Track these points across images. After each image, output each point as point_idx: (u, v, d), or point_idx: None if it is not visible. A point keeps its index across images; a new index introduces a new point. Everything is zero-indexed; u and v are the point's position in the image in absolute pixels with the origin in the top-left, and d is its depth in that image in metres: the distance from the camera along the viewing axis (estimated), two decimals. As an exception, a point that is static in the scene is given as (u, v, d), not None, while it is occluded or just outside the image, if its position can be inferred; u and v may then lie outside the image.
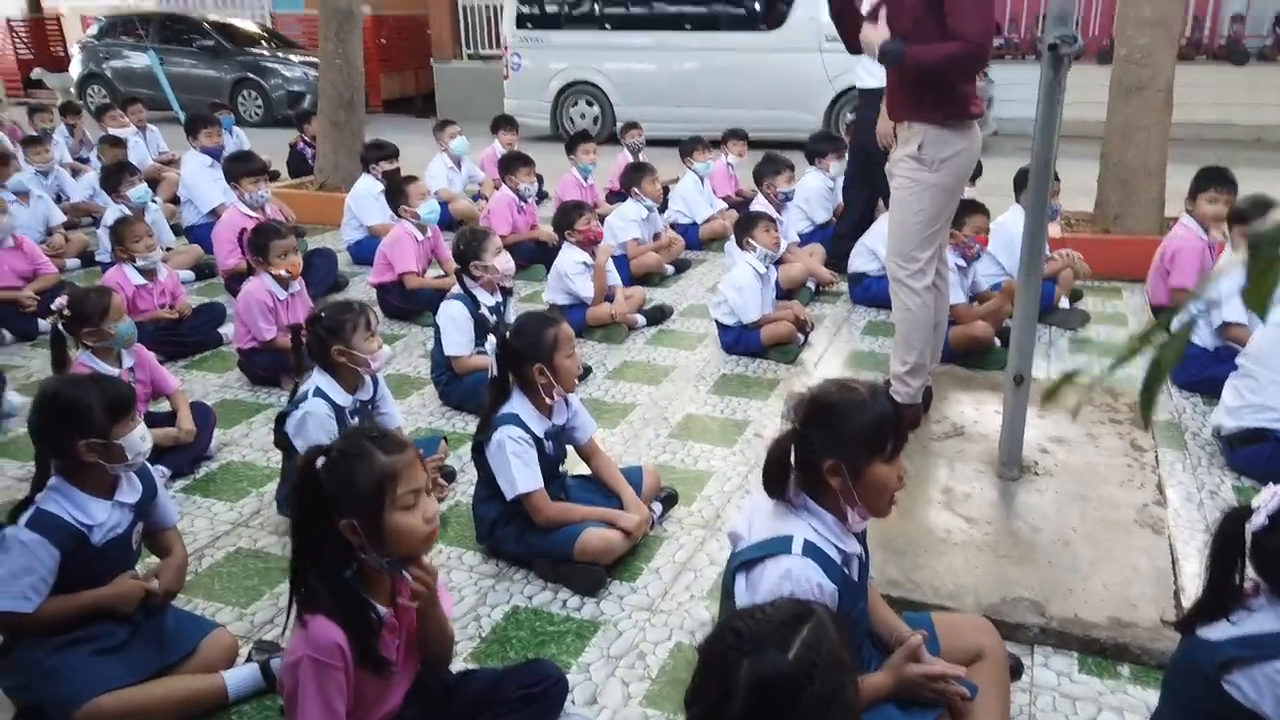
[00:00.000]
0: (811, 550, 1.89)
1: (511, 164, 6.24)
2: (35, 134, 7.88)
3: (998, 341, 4.42)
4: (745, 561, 1.98)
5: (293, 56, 14.46)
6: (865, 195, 5.73)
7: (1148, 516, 3.01)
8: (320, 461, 1.83)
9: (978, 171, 5.88)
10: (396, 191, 5.37)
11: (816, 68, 10.15)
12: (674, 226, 6.55)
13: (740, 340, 4.58)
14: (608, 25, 11.07)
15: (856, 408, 1.91)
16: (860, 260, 5.35)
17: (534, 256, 6.00)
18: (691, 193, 6.68)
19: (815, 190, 6.26)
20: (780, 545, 1.93)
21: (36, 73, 17.23)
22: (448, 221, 7.00)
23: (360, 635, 1.82)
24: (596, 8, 11.12)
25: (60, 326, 3.38)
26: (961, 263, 4.44)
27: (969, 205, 4.43)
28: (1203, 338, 4.06)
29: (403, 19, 16.80)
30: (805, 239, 6.02)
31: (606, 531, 2.81)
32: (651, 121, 8.07)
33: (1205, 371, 4.01)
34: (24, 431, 3.60)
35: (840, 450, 1.89)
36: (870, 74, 5.44)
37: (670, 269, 5.99)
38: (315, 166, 7.91)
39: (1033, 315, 3.14)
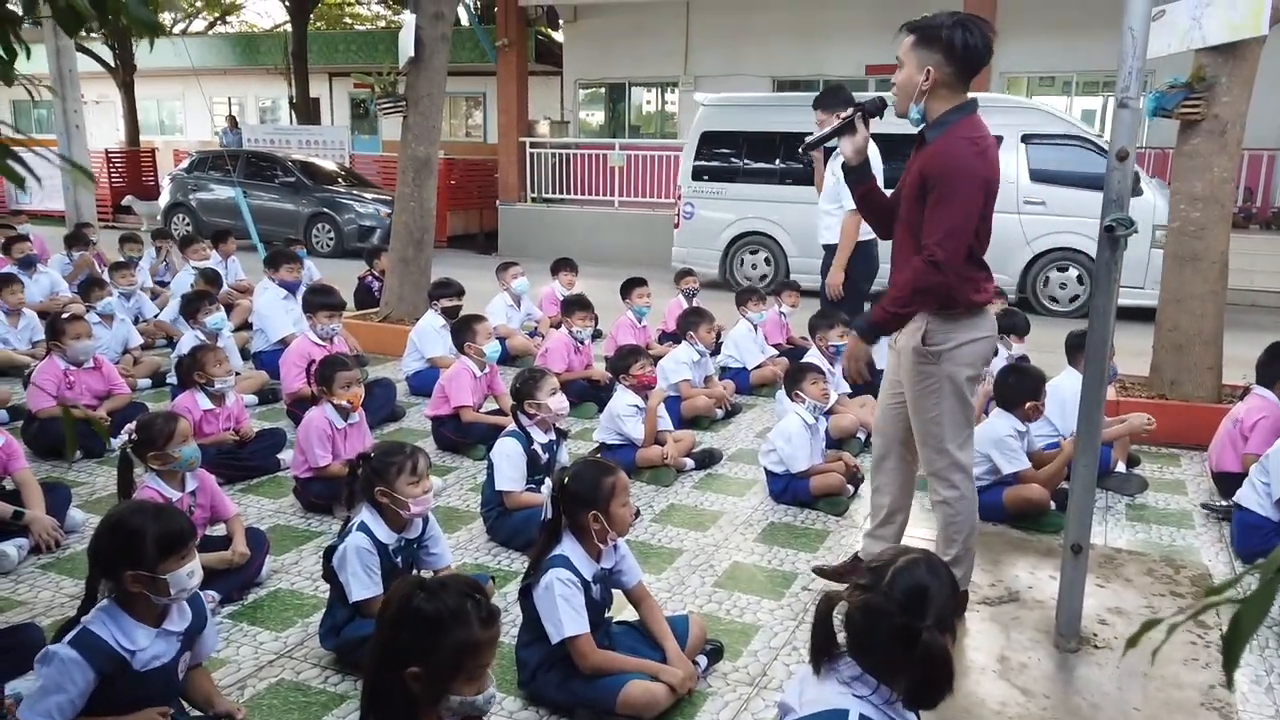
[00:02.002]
0: (869, 729, 1.86)
1: (570, 307, 6.45)
2: (123, 260, 8.34)
3: (1053, 505, 4.34)
4: (794, 735, 1.94)
5: (366, 194, 15.25)
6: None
7: (1214, 699, 2.87)
8: (418, 600, 1.87)
9: (1025, 327, 5.98)
10: (463, 329, 5.54)
11: (1014, 229, 10.00)
12: (725, 371, 6.65)
13: (789, 489, 4.56)
14: (788, 180, 11.08)
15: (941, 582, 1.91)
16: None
17: (586, 394, 6.11)
18: (745, 339, 6.81)
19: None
20: (833, 719, 1.89)
21: (127, 199, 18.38)
22: (505, 357, 7.20)
23: None
24: (777, 163, 11.27)
25: (128, 450, 3.51)
26: (1021, 427, 4.42)
27: (1031, 380, 4.46)
28: (1265, 508, 3.96)
29: (472, 163, 17.76)
30: (858, 389, 6.05)
31: (651, 685, 2.76)
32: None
33: (1269, 542, 3.89)
34: (84, 549, 3.70)
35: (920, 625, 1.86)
36: (830, 230, 6.04)
37: (720, 413, 6.04)
38: (381, 299, 8.22)
39: (1091, 482, 3.10)
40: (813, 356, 5.53)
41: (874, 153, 5.88)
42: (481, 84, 21.63)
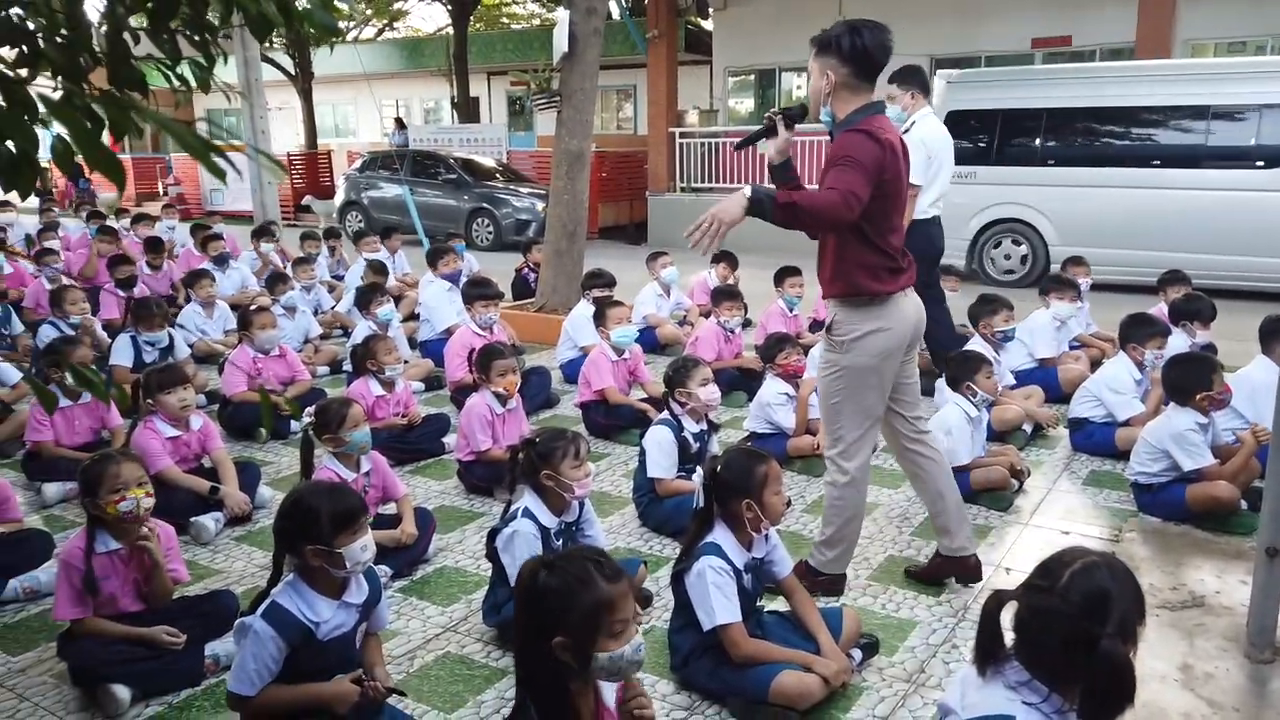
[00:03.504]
0: (1034, 734, 1.78)
1: (719, 297, 6.45)
2: (303, 255, 8.95)
3: (1244, 504, 4.00)
4: (957, 738, 1.88)
5: (522, 189, 15.74)
6: None
7: None
8: (543, 576, 1.94)
9: (1210, 313, 5.54)
10: (598, 314, 5.71)
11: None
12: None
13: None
14: (1051, 161, 10.18)
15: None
16: (1082, 405, 5.07)
17: (737, 383, 6.10)
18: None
19: (1042, 326, 6.03)
20: None
21: (306, 199, 19.70)
22: (654, 346, 7.29)
23: None
24: (1039, 143, 10.30)
25: (309, 432, 3.78)
26: (1202, 420, 4.10)
27: (1197, 369, 4.13)
28: None
29: (623, 155, 18.02)
30: (1024, 378, 5.78)
31: (804, 676, 2.74)
32: (1094, 265, 7.40)
33: None
34: (271, 523, 4.01)
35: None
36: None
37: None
38: (537, 290, 8.47)
39: (1289, 480, 2.84)
40: (976, 345, 5.31)
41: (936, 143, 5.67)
42: (632, 76, 21.86)
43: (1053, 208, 10.10)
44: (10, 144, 1.33)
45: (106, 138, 1.33)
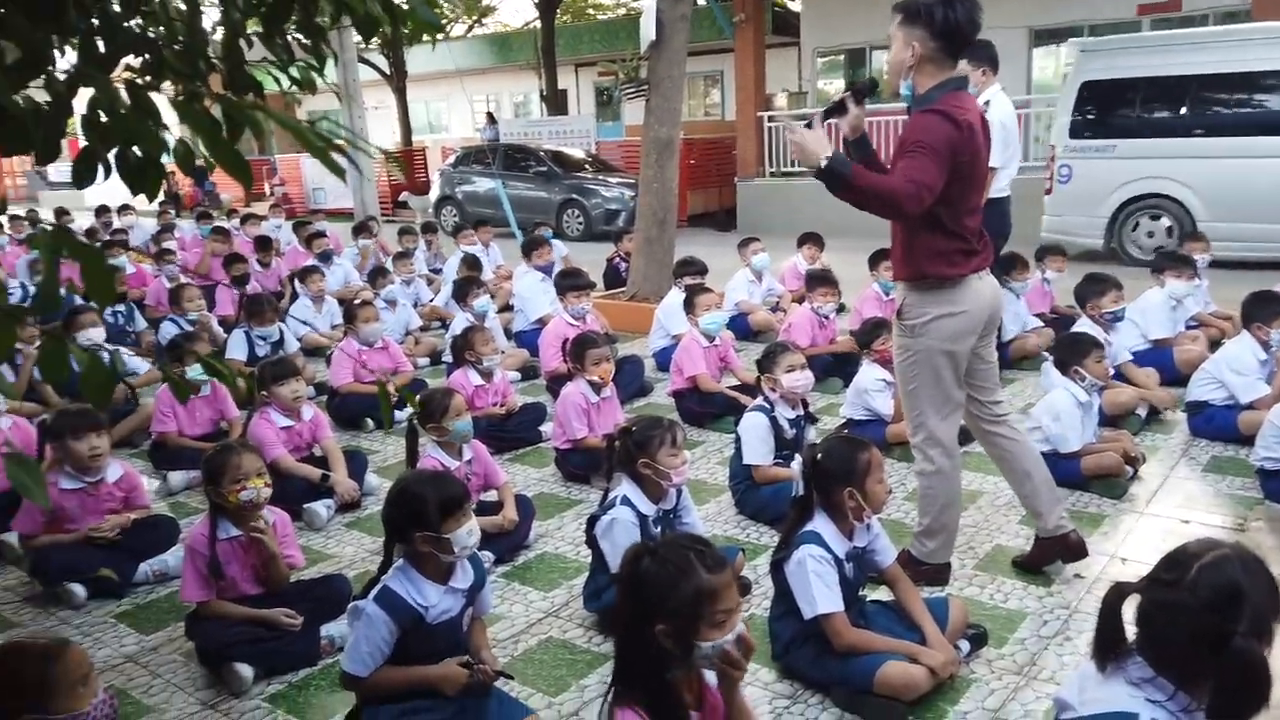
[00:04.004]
0: (1162, 735, 1.71)
1: (813, 282, 6.36)
2: (402, 250, 9.20)
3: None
4: (1077, 736, 1.82)
5: (611, 179, 15.82)
6: None
7: None
8: (645, 563, 1.95)
9: None
10: (688, 301, 5.70)
11: None
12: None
13: (1058, 470, 4.20)
14: (1198, 131, 9.47)
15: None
16: (1202, 388, 4.82)
17: (831, 369, 6.01)
18: (1005, 310, 6.39)
19: (1155, 306, 5.76)
20: None
21: (403, 196, 20.22)
22: (747, 332, 7.24)
23: None
24: (1184, 112, 9.57)
25: (414, 422, 3.88)
26: (1261, 355, 3.96)
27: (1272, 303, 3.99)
28: None
29: (711, 141, 17.92)
30: (1140, 359, 5.53)
31: (910, 666, 2.69)
32: (1243, 241, 6.90)
33: None
34: (379, 510, 4.14)
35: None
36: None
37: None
38: (628, 279, 8.51)
39: None
40: (1083, 326, 5.10)
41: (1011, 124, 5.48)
42: (719, 62, 21.69)
43: (1200, 180, 9.39)
44: (136, 149, 1.40)
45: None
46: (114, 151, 1.37)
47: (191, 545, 3.16)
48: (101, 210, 13.30)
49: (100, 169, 1.38)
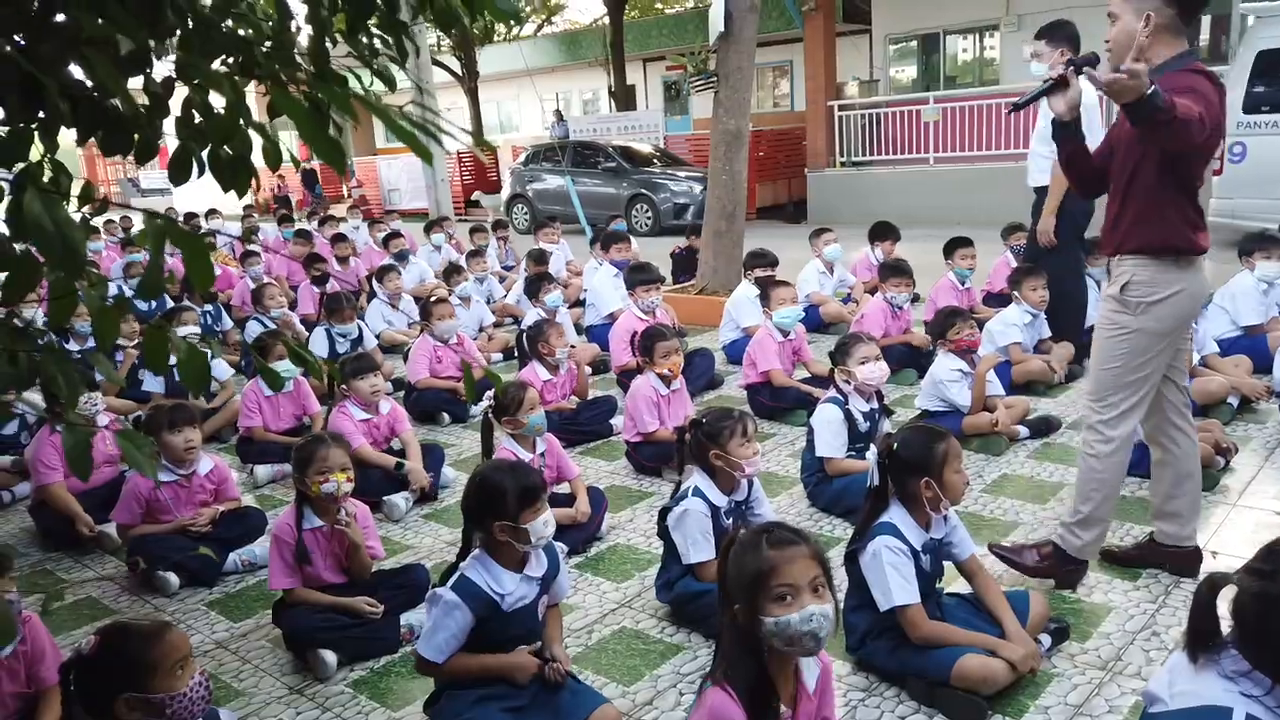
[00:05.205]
0: (1258, 730, 1.65)
1: (887, 272, 6.27)
2: (474, 248, 9.35)
3: None
4: (1166, 730, 1.77)
5: (680, 173, 15.81)
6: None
7: None
8: (733, 549, 1.97)
9: None
10: (764, 295, 5.66)
11: None
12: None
13: (1144, 461, 4.10)
14: None
15: None
16: (1301, 375, 4.60)
17: (906, 360, 5.92)
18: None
19: (1244, 291, 5.53)
20: (1214, 717, 1.70)
21: (475, 195, 20.54)
22: (819, 324, 7.17)
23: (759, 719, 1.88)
24: None
25: (490, 415, 3.95)
26: None
27: None
28: None
29: (780, 132, 17.76)
30: (1229, 347, 5.31)
31: (989, 660, 2.64)
32: None
33: None
34: (455, 502, 4.22)
35: None
36: (1042, 172, 5.60)
37: (1059, 376, 5.57)
38: (698, 272, 8.49)
39: None
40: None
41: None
42: (788, 52, 21.48)
43: None
44: (227, 148, 1.46)
45: (298, 145, 1.45)
46: (206, 151, 1.44)
47: (277, 534, 3.28)
48: (190, 216, 13.82)
49: (195, 168, 1.45)
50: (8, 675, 2.69)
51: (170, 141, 1.47)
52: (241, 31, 1.50)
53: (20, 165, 1.28)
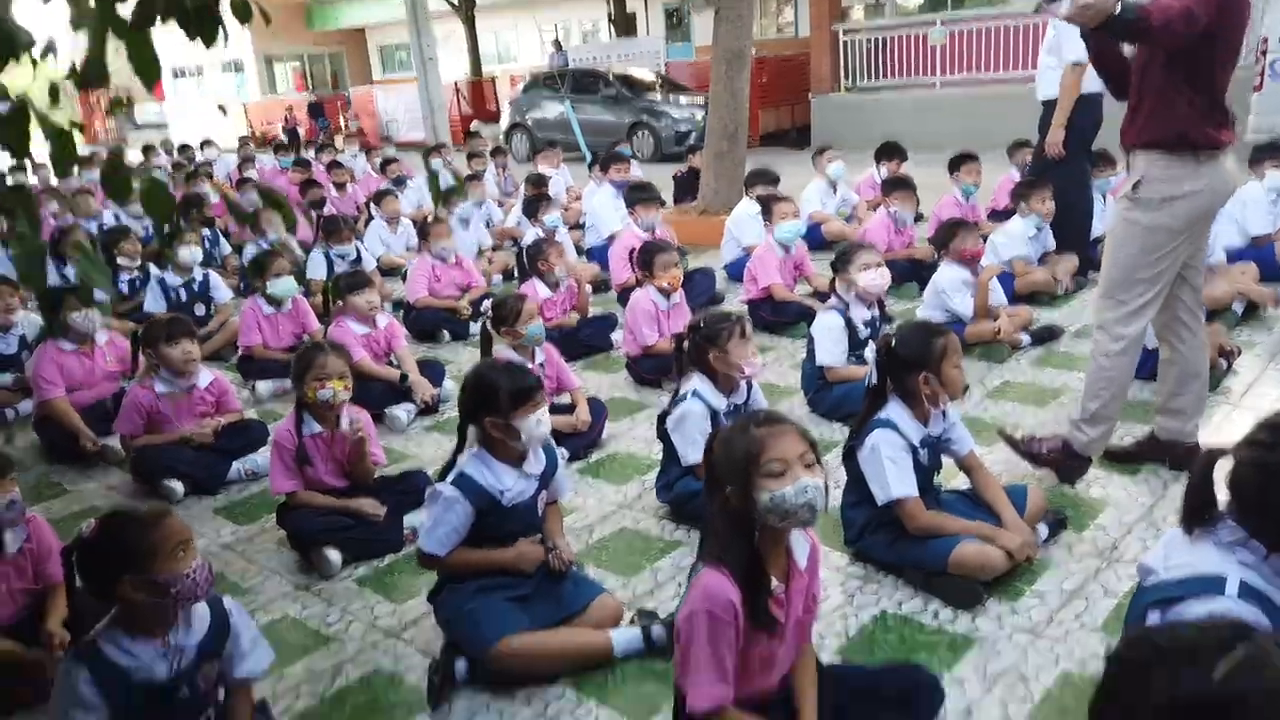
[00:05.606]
0: (1251, 594, 1.65)
1: (891, 186, 6.18)
2: (473, 172, 9.23)
3: None
4: (1162, 600, 1.77)
5: (681, 99, 15.54)
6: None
7: None
8: (715, 439, 1.97)
9: None
10: (766, 209, 5.59)
11: None
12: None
13: (1149, 361, 4.09)
14: None
15: None
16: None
17: (909, 274, 5.87)
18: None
19: (1253, 200, 5.45)
20: (1209, 586, 1.70)
21: (474, 125, 20.23)
22: (820, 243, 7.10)
23: (754, 596, 1.89)
24: None
25: (488, 326, 3.95)
26: None
27: None
28: None
29: (783, 59, 17.37)
30: (1237, 255, 5.26)
31: (985, 547, 2.66)
32: None
33: None
34: (456, 414, 4.23)
35: None
36: (1050, 85, 5.54)
37: (1063, 288, 5.52)
38: (699, 194, 8.39)
39: None
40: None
41: None
42: (792, -24, 20.96)
43: None
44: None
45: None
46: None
47: (278, 439, 3.29)
48: (184, 148, 13.67)
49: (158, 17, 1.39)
50: (15, 572, 2.73)
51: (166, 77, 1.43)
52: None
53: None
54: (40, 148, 1.34)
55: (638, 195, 6.18)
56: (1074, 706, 2.18)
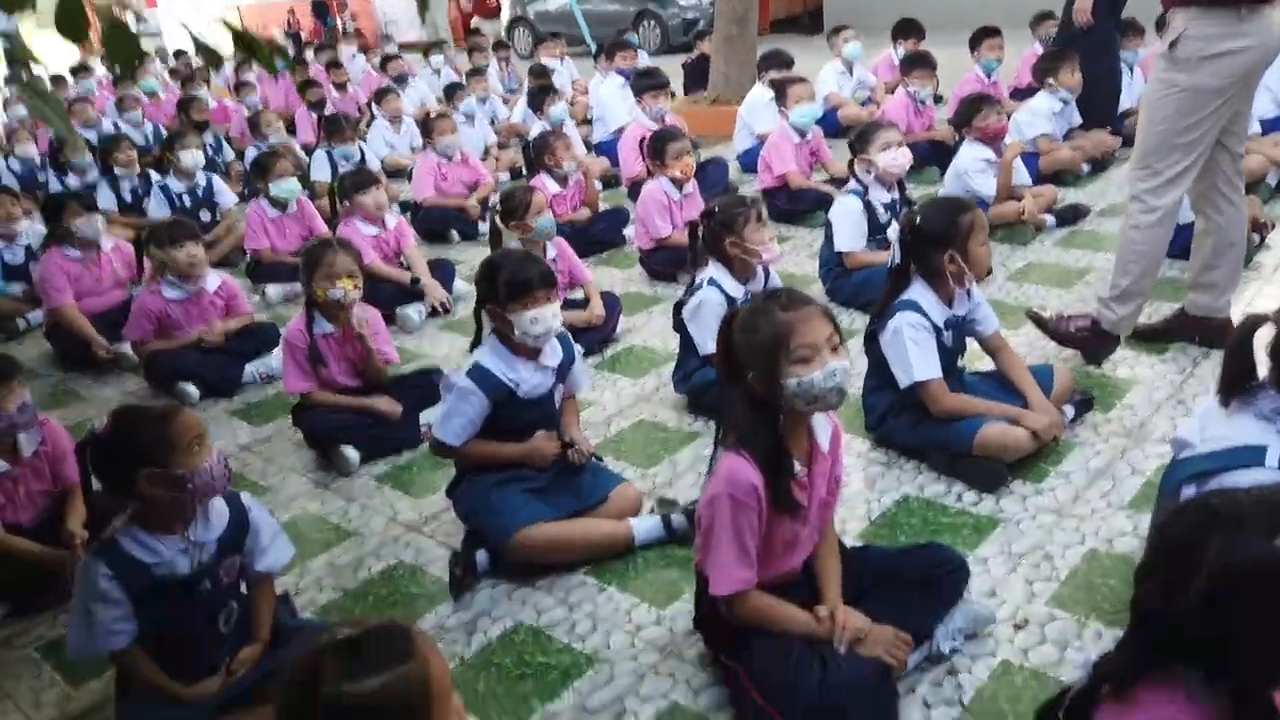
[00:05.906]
0: (1293, 465, 1.60)
1: (909, 65, 5.93)
2: (475, 68, 8.94)
3: None
4: (1198, 473, 1.72)
5: (690, -15, 14.92)
6: None
7: None
8: (732, 322, 1.89)
9: None
10: (780, 94, 5.38)
11: None
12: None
13: (1179, 238, 3.95)
14: None
15: None
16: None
17: (929, 158, 5.68)
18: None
19: (1281, 74, 5.20)
20: (1249, 457, 1.65)
21: (475, 22, 19.58)
22: (836, 128, 6.87)
23: (776, 479, 1.85)
24: None
25: (496, 221, 3.85)
26: None
27: None
28: None
29: (795, -64, 16.60)
30: (1270, 125, 5.05)
31: (1010, 427, 2.61)
32: None
33: None
34: (469, 313, 4.17)
35: None
36: None
37: (1087, 167, 5.34)
38: (709, 82, 8.11)
39: None
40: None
41: None
42: None
43: None
44: None
45: None
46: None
47: (289, 339, 3.24)
48: (179, 53, 13.30)
49: None
50: (33, 475, 2.73)
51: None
52: None
53: None
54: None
55: (645, 82, 5.95)
56: (1100, 583, 2.16)
